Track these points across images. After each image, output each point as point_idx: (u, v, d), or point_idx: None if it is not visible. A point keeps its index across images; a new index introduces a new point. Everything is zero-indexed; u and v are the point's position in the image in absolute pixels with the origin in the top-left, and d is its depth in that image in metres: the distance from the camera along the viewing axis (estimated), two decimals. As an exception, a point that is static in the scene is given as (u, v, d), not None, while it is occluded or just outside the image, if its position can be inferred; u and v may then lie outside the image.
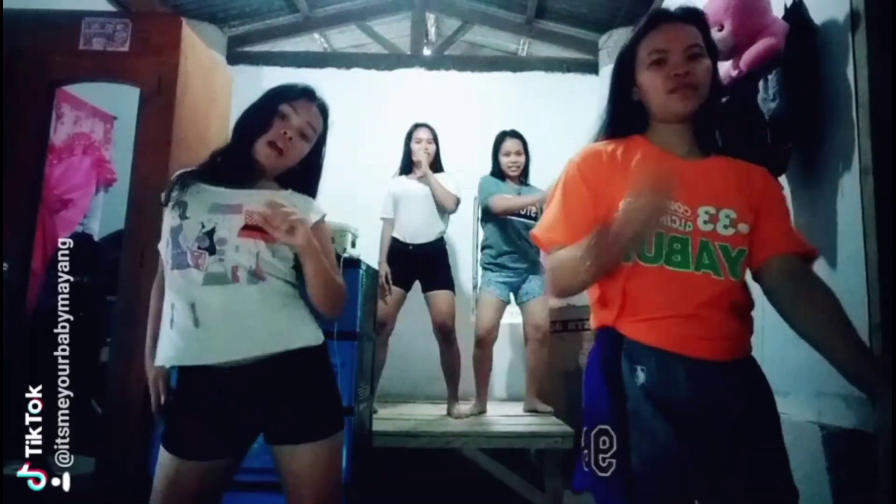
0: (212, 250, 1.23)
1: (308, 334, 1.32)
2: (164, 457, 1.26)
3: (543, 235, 1.14)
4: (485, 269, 3.07)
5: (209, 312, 1.22)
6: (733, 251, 1.05)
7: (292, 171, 1.40)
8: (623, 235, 0.97)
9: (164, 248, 1.29)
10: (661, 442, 0.99)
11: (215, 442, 1.26)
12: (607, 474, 1.00)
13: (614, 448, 1.00)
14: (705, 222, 1.05)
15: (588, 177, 1.12)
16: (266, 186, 1.36)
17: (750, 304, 1.10)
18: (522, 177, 3.09)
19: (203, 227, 1.24)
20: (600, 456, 1.01)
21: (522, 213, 2.97)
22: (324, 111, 1.42)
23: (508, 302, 3.05)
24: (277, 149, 1.33)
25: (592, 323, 1.16)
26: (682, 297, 1.03)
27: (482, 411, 3.02)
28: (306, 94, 1.39)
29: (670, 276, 1.04)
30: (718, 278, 1.04)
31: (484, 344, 2.99)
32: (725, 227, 1.06)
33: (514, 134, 3.09)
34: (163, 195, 1.34)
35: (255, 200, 1.26)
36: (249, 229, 1.25)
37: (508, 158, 3.04)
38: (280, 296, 1.29)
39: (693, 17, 1.14)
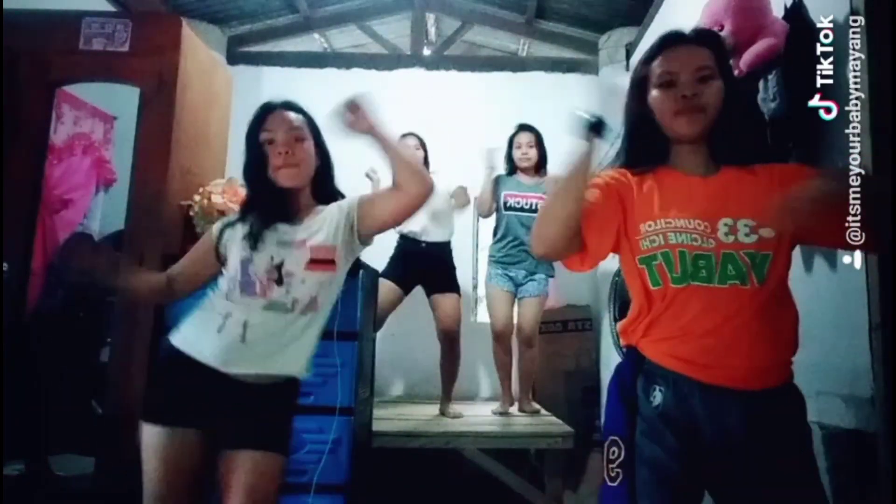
0: (279, 282, 1.34)
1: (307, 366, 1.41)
2: (147, 434, 1.29)
3: None
4: (491, 262, 3.08)
5: (257, 333, 1.32)
6: (758, 256, 1.04)
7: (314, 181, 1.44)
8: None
9: (228, 274, 1.38)
10: (662, 466, 1.01)
11: (188, 411, 1.30)
12: (614, 484, 1.03)
13: (621, 458, 1.03)
14: (726, 234, 1.05)
15: (616, 185, 1.16)
16: (311, 213, 1.43)
17: (787, 317, 1.07)
18: (540, 169, 3.10)
19: (272, 260, 1.35)
20: (609, 466, 1.05)
21: (525, 206, 3.00)
22: (292, 107, 1.44)
23: (515, 294, 3.04)
24: (289, 165, 1.37)
25: (621, 340, 1.18)
26: (707, 313, 1.03)
27: (505, 412, 3.00)
28: (267, 110, 1.42)
29: (696, 292, 1.04)
30: (745, 287, 1.03)
31: (502, 338, 3.00)
32: (747, 234, 1.05)
33: (527, 127, 3.12)
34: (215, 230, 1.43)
35: (314, 233, 1.38)
36: (315, 263, 1.36)
37: (520, 151, 3.07)
38: (319, 327, 1.41)
39: (706, 38, 1.15)
